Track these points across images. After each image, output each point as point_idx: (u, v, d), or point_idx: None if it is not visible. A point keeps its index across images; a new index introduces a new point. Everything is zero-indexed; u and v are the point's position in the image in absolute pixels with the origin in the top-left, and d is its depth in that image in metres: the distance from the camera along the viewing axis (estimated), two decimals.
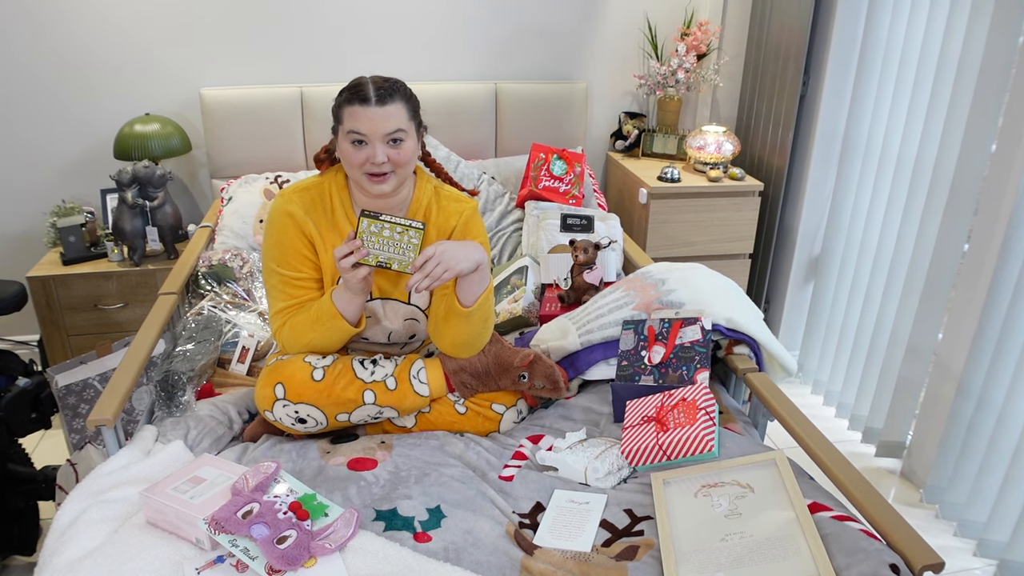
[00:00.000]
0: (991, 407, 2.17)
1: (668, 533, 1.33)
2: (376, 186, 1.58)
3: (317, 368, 1.60)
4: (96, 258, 2.66)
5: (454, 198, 1.75)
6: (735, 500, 1.37)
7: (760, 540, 1.28)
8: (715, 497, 1.39)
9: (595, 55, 3.12)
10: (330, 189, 1.68)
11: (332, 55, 2.90)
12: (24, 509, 2.01)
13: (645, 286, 1.94)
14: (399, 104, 1.56)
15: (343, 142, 1.57)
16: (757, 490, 1.39)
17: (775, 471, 1.41)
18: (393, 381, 1.63)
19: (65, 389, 1.99)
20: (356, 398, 1.60)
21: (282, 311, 1.66)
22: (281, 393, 1.58)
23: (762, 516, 1.32)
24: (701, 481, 1.43)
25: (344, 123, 1.56)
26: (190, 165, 2.97)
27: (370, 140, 1.54)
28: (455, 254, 1.52)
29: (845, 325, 2.83)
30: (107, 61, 2.74)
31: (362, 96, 1.53)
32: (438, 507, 1.41)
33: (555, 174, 2.76)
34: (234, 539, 1.26)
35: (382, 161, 1.55)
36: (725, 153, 2.89)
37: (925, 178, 2.38)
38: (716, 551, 1.28)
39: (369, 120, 1.53)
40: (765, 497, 1.37)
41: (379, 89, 1.54)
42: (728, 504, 1.37)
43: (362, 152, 1.55)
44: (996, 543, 2.16)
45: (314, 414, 1.59)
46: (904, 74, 2.45)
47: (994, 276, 2.10)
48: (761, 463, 1.44)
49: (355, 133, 1.54)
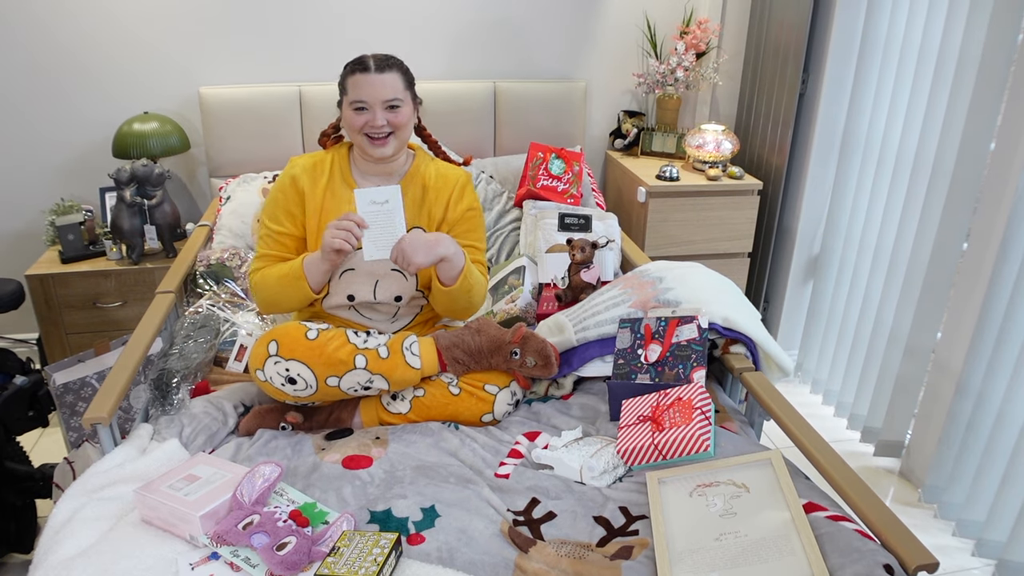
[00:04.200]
0: (990, 406, 2.16)
1: (662, 533, 1.33)
2: (377, 148, 1.76)
3: (311, 329, 1.66)
4: (94, 256, 2.66)
5: (449, 166, 1.96)
6: (730, 500, 1.37)
7: (755, 540, 1.27)
8: (710, 497, 1.39)
9: (594, 54, 3.11)
10: (333, 158, 1.88)
11: (331, 54, 2.90)
12: (21, 507, 2.01)
13: (643, 284, 1.94)
14: (396, 74, 1.75)
15: (347, 110, 1.76)
16: (752, 490, 1.38)
17: (770, 471, 1.41)
18: (385, 350, 1.67)
19: (63, 387, 1.99)
20: (348, 360, 1.62)
21: (259, 258, 1.83)
22: (274, 349, 1.62)
23: (757, 516, 1.32)
24: (696, 481, 1.43)
25: (348, 93, 1.75)
26: (189, 164, 2.98)
27: (370, 106, 1.73)
28: (418, 248, 1.67)
29: (844, 324, 2.82)
30: (106, 59, 2.74)
31: (363, 66, 1.73)
32: (432, 506, 1.41)
33: (553, 173, 2.75)
34: (235, 550, 1.27)
35: (381, 124, 1.73)
36: (724, 152, 2.89)
37: (924, 177, 2.38)
38: (710, 551, 1.28)
39: (370, 86, 1.71)
40: (760, 497, 1.36)
41: (378, 60, 1.74)
42: (723, 504, 1.36)
43: (363, 116, 1.74)
44: (995, 543, 2.16)
45: (304, 373, 1.61)
46: (903, 72, 2.45)
47: (993, 275, 2.10)
48: (756, 463, 1.43)
49: (357, 101, 1.73)
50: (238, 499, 1.33)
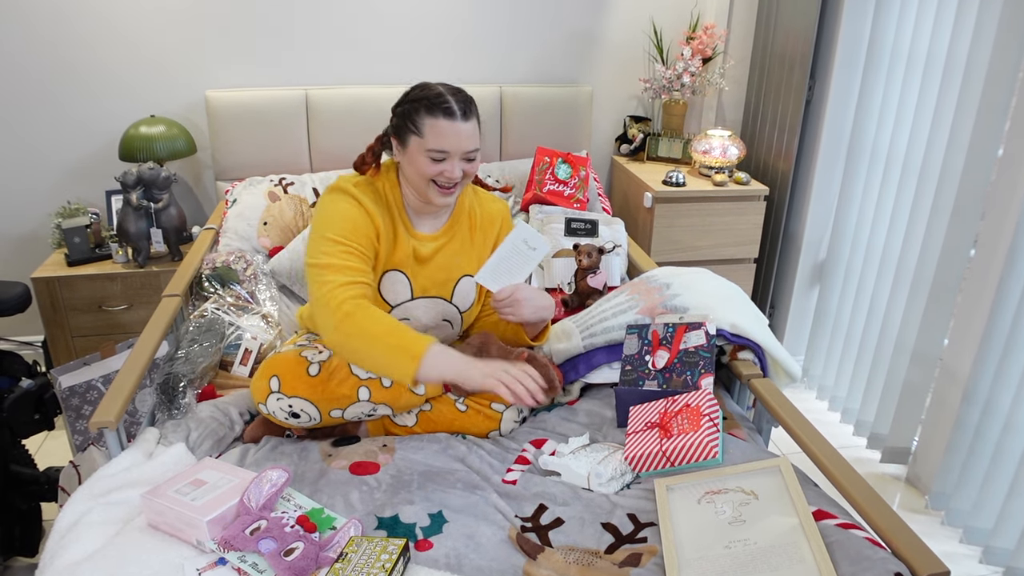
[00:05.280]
0: (997, 413, 2.16)
1: (671, 540, 1.32)
2: (443, 198, 1.62)
3: (313, 364, 1.59)
4: (100, 259, 2.66)
5: (491, 199, 1.85)
6: (739, 507, 1.36)
7: (764, 547, 1.27)
8: (719, 504, 1.38)
9: (600, 59, 3.11)
10: (384, 188, 1.69)
11: (337, 58, 2.91)
12: (26, 510, 2.01)
13: (650, 290, 1.94)
14: (475, 121, 1.60)
15: (419, 155, 1.57)
16: (761, 497, 1.37)
17: (779, 478, 1.41)
18: (388, 379, 1.62)
19: (68, 390, 1.99)
20: (351, 394, 1.59)
21: (346, 285, 1.51)
22: (276, 386, 1.58)
23: (766, 523, 1.31)
24: (704, 487, 1.42)
25: (425, 138, 1.55)
26: (195, 167, 2.98)
27: (451, 156, 1.56)
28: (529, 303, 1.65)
29: (850, 330, 2.81)
30: (113, 63, 2.75)
31: (448, 110, 1.54)
32: (440, 512, 1.41)
33: (560, 178, 2.75)
34: (243, 555, 1.26)
35: (458, 176, 1.58)
36: (730, 157, 2.88)
37: (931, 183, 2.37)
38: (719, 558, 1.27)
39: (455, 136, 1.55)
40: (769, 504, 1.36)
41: (462, 104, 1.56)
42: (732, 511, 1.36)
43: (439, 166, 1.57)
44: (1002, 550, 2.15)
45: (307, 409, 1.59)
46: (910, 79, 2.44)
47: (1000, 282, 2.09)
48: (765, 470, 1.43)
49: (438, 151, 1.55)
50: (245, 504, 1.33)
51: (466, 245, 1.79)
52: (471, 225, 1.80)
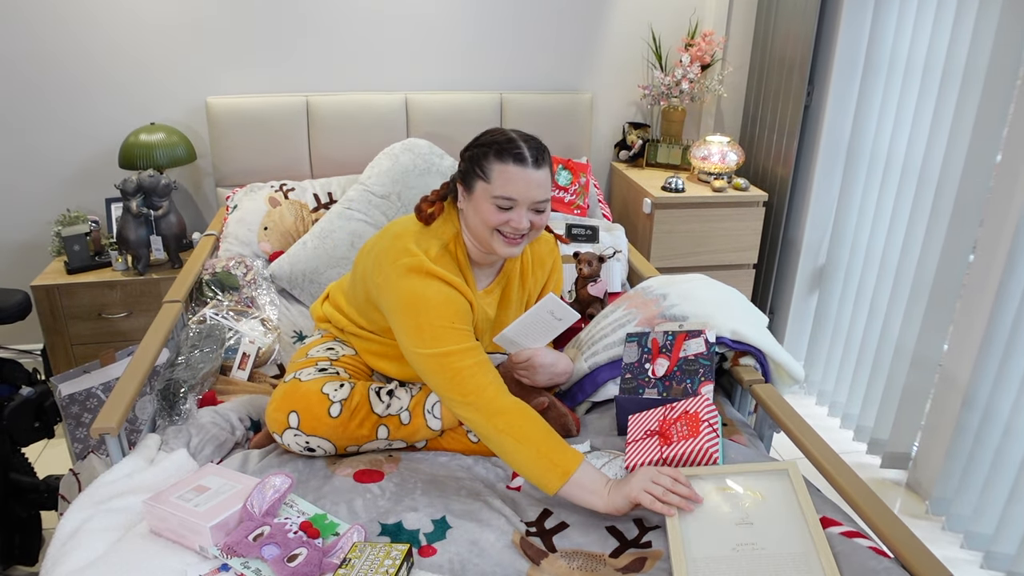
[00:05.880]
0: (997, 418, 2.16)
1: (678, 536, 1.31)
2: (509, 248, 1.53)
3: (335, 403, 1.56)
4: (100, 267, 2.66)
5: (542, 238, 1.81)
6: (747, 508, 1.35)
7: (772, 554, 1.26)
8: (726, 503, 1.36)
9: (599, 66, 3.13)
10: (456, 255, 1.59)
11: (338, 65, 2.91)
12: (26, 519, 2.01)
13: (647, 302, 1.93)
14: (548, 170, 1.52)
15: (483, 202, 1.49)
16: (769, 500, 1.36)
17: (787, 482, 1.40)
18: (407, 416, 1.61)
19: (68, 398, 1.99)
20: (370, 434, 1.58)
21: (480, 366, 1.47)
22: (295, 423, 1.55)
23: (774, 528, 1.30)
24: (713, 484, 1.41)
25: (493, 184, 1.48)
26: (195, 175, 2.98)
27: (518, 205, 1.49)
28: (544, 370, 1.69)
29: (850, 336, 2.82)
30: (113, 71, 2.75)
31: (520, 156, 1.47)
32: (443, 518, 1.40)
33: (560, 184, 2.76)
34: (246, 561, 1.26)
35: (526, 227, 1.50)
36: (729, 163, 2.89)
37: (930, 188, 2.38)
38: (727, 560, 1.26)
39: (525, 184, 1.47)
40: (777, 508, 1.34)
41: (534, 151, 1.49)
42: (740, 512, 1.34)
43: (505, 215, 1.49)
44: (1003, 555, 2.15)
45: (324, 446, 1.58)
46: (909, 84, 2.45)
47: (1000, 287, 2.10)
48: (772, 472, 1.42)
49: (506, 198, 1.47)
50: (248, 510, 1.33)
51: (519, 292, 1.76)
52: (522, 271, 1.76)
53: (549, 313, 1.66)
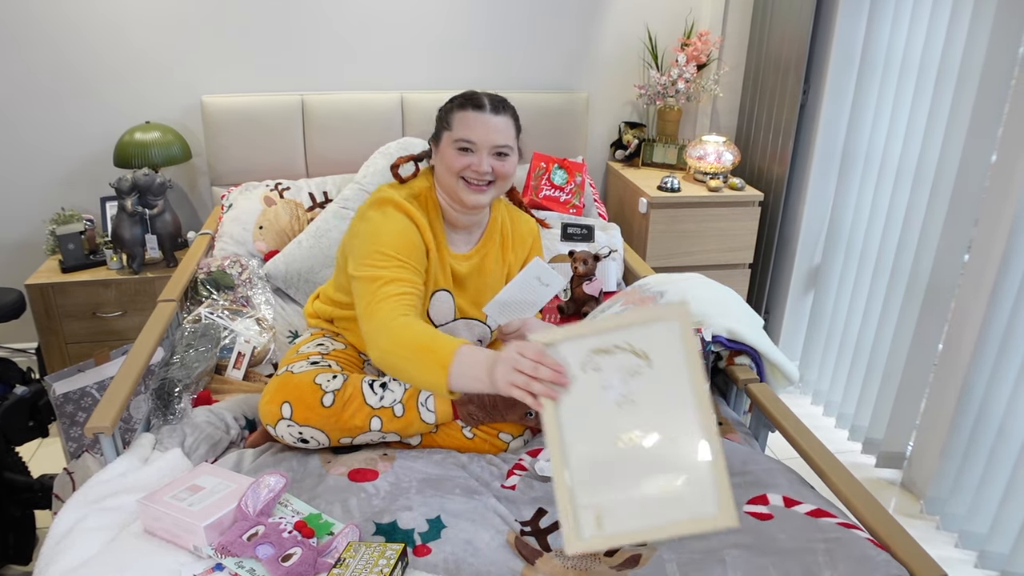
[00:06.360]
0: (992, 418, 2.16)
1: (554, 423, 1.12)
2: (473, 195, 1.59)
3: (327, 393, 1.56)
4: (95, 266, 2.65)
5: (524, 218, 1.87)
6: (628, 379, 1.12)
7: (656, 444, 1.09)
8: (605, 372, 1.13)
9: (596, 65, 3.13)
10: (427, 204, 1.67)
11: (333, 63, 2.91)
12: (20, 518, 2.00)
13: (644, 299, 1.93)
14: (509, 118, 1.60)
15: (447, 148, 1.59)
16: (654, 362, 1.12)
17: (676, 336, 1.13)
18: (401, 408, 1.60)
19: (63, 397, 1.98)
20: (363, 425, 1.58)
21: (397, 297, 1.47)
22: (288, 413, 1.56)
23: (658, 409, 1.10)
24: (591, 345, 1.15)
25: (454, 129, 1.58)
26: (190, 173, 2.97)
27: (478, 148, 1.56)
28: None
29: (845, 335, 2.82)
30: (108, 69, 2.75)
31: (477, 102, 1.57)
32: (438, 517, 1.40)
33: (556, 183, 2.76)
34: (240, 561, 1.26)
35: (486, 170, 1.57)
36: (725, 163, 2.90)
37: (925, 188, 2.38)
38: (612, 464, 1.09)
39: (482, 127, 1.55)
40: (661, 374, 1.12)
41: (493, 100, 1.59)
42: (620, 385, 1.12)
43: (466, 158, 1.57)
44: (997, 555, 2.15)
45: (318, 436, 1.58)
46: (904, 84, 2.46)
47: (995, 286, 2.10)
48: (660, 322, 1.13)
49: (464, 141, 1.56)
50: (243, 510, 1.32)
51: (498, 264, 1.78)
52: (503, 243, 1.79)
53: (536, 279, 1.66)
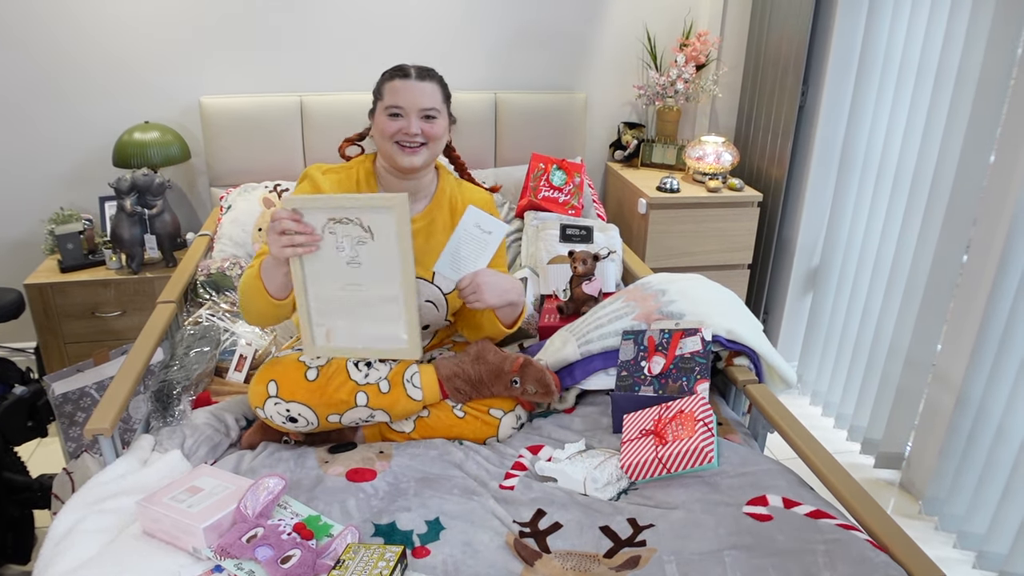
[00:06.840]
0: (990, 418, 2.17)
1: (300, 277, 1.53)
2: (407, 157, 1.67)
3: (311, 368, 1.62)
4: (94, 266, 2.65)
5: (476, 190, 1.90)
6: (356, 246, 1.51)
7: (369, 294, 1.53)
8: (340, 237, 1.50)
9: (594, 66, 3.13)
10: (358, 174, 1.78)
11: (332, 64, 2.91)
12: (19, 518, 2.00)
13: (645, 296, 1.94)
14: (435, 85, 1.70)
15: (380, 116, 1.69)
16: (375, 236, 1.49)
17: (392, 219, 1.48)
18: (386, 384, 1.63)
19: (62, 397, 1.98)
20: (348, 399, 1.60)
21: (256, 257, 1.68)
22: (273, 391, 1.59)
23: (376, 270, 1.52)
24: (330, 214, 1.49)
25: (384, 98, 1.68)
26: (189, 173, 2.97)
27: (406, 112, 1.66)
28: (493, 288, 1.66)
29: (844, 336, 2.83)
30: (107, 69, 2.74)
31: (403, 72, 1.68)
32: (437, 519, 1.40)
33: (554, 184, 2.76)
34: (239, 563, 1.26)
35: (416, 132, 1.65)
36: (724, 163, 2.90)
37: (924, 189, 2.39)
38: (338, 300, 1.53)
39: (408, 92, 1.65)
40: (381, 248, 1.50)
41: (418, 69, 1.70)
42: (350, 249, 1.51)
43: (397, 123, 1.66)
44: (996, 555, 2.16)
45: (305, 413, 1.59)
46: (903, 84, 2.46)
47: (993, 287, 2.11)
48: (382, 207, 1.47)
49: (393, 106, 1.66)
50: (242, 512, 1.32)
51: (446, 229, 1.82)
52: (452, 211, 1.83)
53: (475, 227, 1.69)
